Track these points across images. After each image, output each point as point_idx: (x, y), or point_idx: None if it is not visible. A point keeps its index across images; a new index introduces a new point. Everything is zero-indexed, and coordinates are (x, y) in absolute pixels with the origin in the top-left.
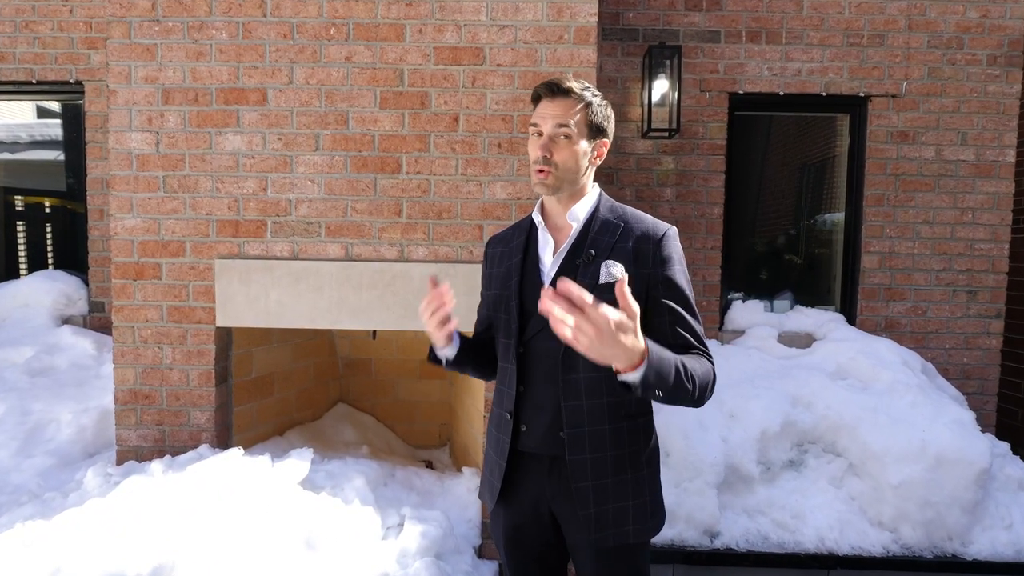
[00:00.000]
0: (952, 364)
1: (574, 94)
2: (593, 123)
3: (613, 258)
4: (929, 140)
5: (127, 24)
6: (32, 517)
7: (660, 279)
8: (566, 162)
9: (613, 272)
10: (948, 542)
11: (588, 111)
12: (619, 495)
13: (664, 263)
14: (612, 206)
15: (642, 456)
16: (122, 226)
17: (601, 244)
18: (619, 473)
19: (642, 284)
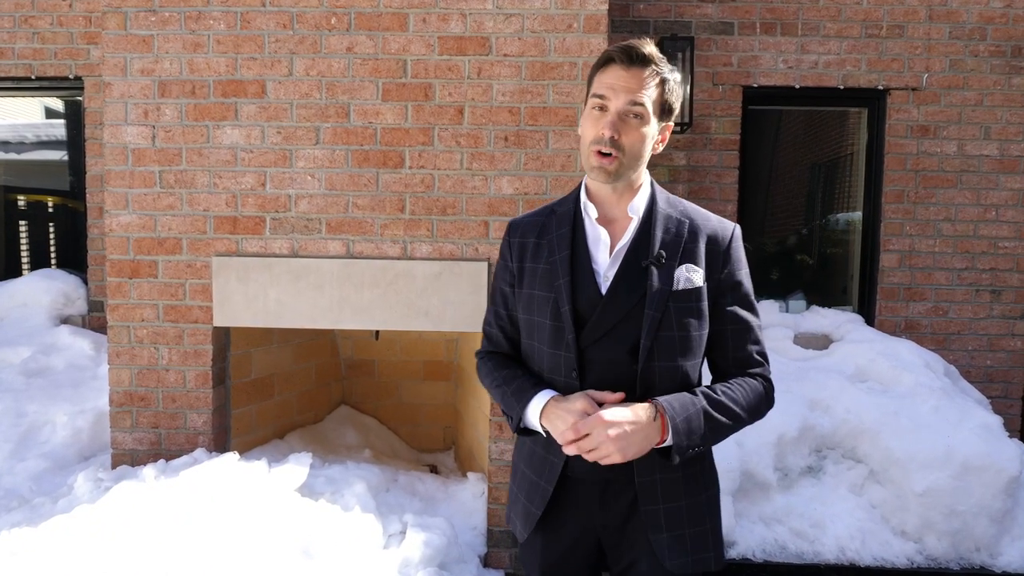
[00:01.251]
0: (975, 367)
1: (653, 65)
2: (667, 103)
3: (684, 260)
4: (951, 134)
5: (123, 15)
6: (20, 524)
7: (729, 285)
8: (634, 146)
9: (693, 279)
10: (976, 553)
11: (664, 88)
12: (695, 519)
13: (734, 267)
14: (668, 198)
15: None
16: (117, 223)
17: (670, 244)
18: (692, 495)
19: (711, 291)
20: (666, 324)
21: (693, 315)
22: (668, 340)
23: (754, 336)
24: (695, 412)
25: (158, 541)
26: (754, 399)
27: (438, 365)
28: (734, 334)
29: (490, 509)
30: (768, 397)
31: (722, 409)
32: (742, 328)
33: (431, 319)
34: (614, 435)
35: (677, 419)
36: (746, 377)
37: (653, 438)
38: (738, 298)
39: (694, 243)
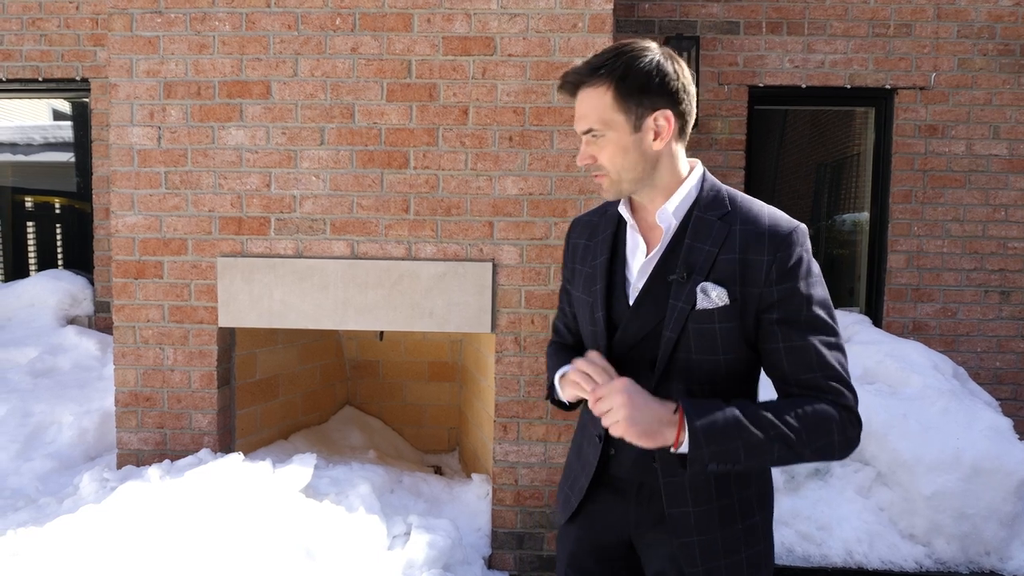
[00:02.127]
0: (984, 368)
1: (588, 81)
2: (630, 100)
3: (715, 274)
4: (959, 134)
5: (129, 16)
6: (26, 524)
7: (779, 299)
8: (612, 160)
9: (712, 298)
10: (985, 557)
11: (617, 87)
12: (731, 549)
13: (783, 278)
14: (716, 198)
15: (754, 502)
16: (123, 223)
17: (699, 256)
18: (728, 524)
19: (752, 307)
20: (683, 346)
21: (718, 338)
22: (685, 363)
23: (821, 358)
24: (720, 418)
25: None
26: (816, 424)
27: (443, 366)
28: (790, 354)
29: (494, 511)
30: (843, 429)
31: (758, 422)
32: (799, 347)
33: (435, 320)
34: (628, 395)
35: (696, 420)
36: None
37: (665, 429)
38: (793, 312)
39: (729, 252)
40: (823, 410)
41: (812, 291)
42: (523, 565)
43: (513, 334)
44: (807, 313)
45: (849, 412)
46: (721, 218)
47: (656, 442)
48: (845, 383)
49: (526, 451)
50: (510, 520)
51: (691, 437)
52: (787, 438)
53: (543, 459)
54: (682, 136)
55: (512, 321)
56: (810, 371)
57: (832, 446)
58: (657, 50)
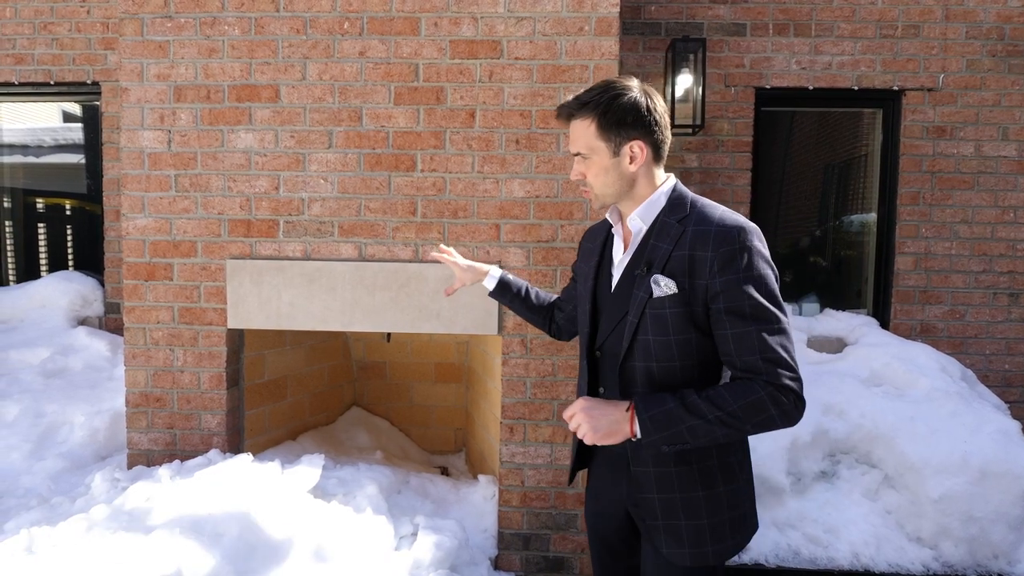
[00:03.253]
0: (992, 371)
1: (577, 113)
2: (609, 131)
3: (670, 268)
4: (968, 135)
5: (139, 21)
6: (39, 522)
7: (719, 290)
8: (596, 179)
9: (662, 287)
10: (993, 560)
11: (599, 120)
12: (692, 513)
13: (725, 269)
14: (679, 204)
15: (716, 473)
16: (134, 226)
17: (658, 253)
18: (688, 490)
19: (700, 297)
20: (642, 329)
21: (669, 320)
22: (644, 343)
23: (762, 342)
24: (664, 410)
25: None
26: (746, 403)
27: (449, 367)
28: (735, 339)
29: (501, 512)
30: (776, 403)
31: (696, 410)
32: (741, 333)
33: (442, 322)
34: (585, 412)
35: (644, 414)
36: (745, 382)
37: (622, 425)
38: (736, 301)
39: (681, 249)
40: (751, 390)
41: (753, 283)
42: (529, 566)
43: (519, 336)
44: (749, 302)
45: (783, 388)
46: (679, 220)
47: (619, 437)
48: (783, 363)
49: (532, 453)
50: (516, 521)
51: (641, 427)
52: (724, 420)
53: (549, 461)
54: (657, 158)
55: (519, 323)
56: (752, 353)
57: (771, 419)
58: (637, 88)
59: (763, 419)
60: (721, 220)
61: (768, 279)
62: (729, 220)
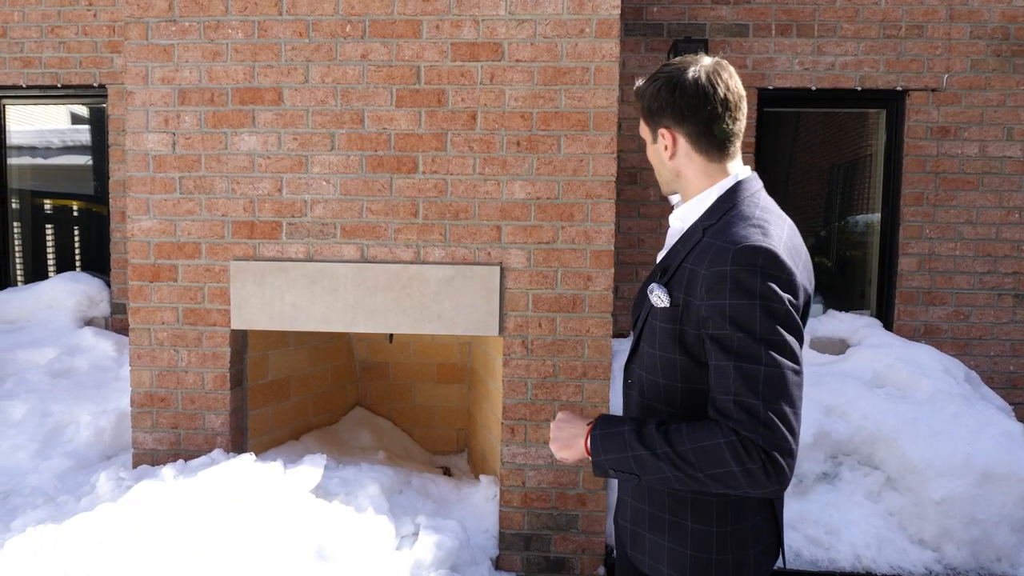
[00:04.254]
0: (997, 372)
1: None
2: (648, 117)
3: (676, 280)
4: (972, 136)
5: (144, 25)
6: (44, 521)
7: (705, 315)
8: (654, 166)
9: (655, 298)
10: (996, 563)
11: (642, 106)
12: (655, 528)
13: (711, 293)
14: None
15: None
16: (139, 227)
17: (675, 260)
18: (654, 507)
19: (692, 318)
20: (643, 337)
21: (660, 335)
22: (641, 352)
23: (736, 383)
24: (615, 431)
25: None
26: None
27: (451, 368)
28: (714, 373)
29: (502, 512)
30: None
31: (647, 441)
32: (720, 367)
33: (443, 323)
34: (555, 423)
35: (597, 430)
36: (709, 422)
37: (578, 440)
38: (717, 331)
39: (689, 261)
40: (714, 434)
41: (740, 312)
42: (530, 567)
43: (521, 337)
44: (734, 333)
45: (748, 444)
46: (704, 229)
47: (575, 452)
48: (758, 415)
49: (533, 453)
50: (517, 522)
51: (591, 444)
52: (672, 459)
53: (550, 462)
54: (705, 150)
55: (520, 324)
56: (726, 393)
57: (733, 476)
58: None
59: (721, 473)
60: (733, 236)
61: (770, 312)
62: (738, 237)
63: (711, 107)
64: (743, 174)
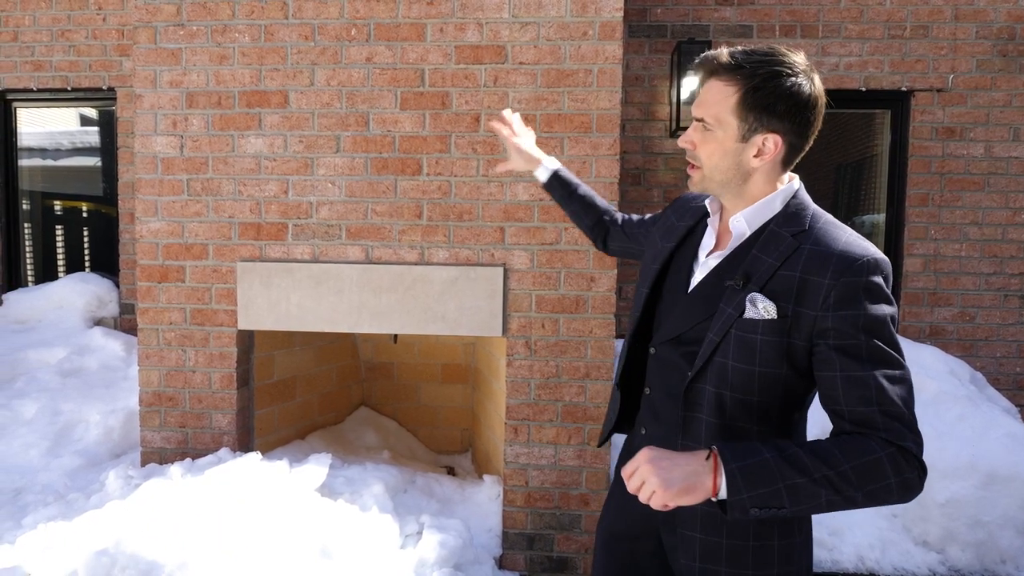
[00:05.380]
0: (1003, 374)
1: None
2: (750, 111)
3: (771, 287)
4: (978, 136)
5: (153, 29)
6: (55, 518)
7: (831, 325)
8: (710, 158)
9: (759, 309)
10: (1001, 565)
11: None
12: (735, 561)
13: (841, 304)
14: (797, 215)
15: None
16: (147, 229)
17: (760, 267)
18: (735, 537)
19: (804, 329)
20: (722, 350)
21: (758, 348)
22: (720, 367)
23: (880, 393)
24: (759, 462)
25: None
26: (862, 463)
27: (456, 368)
28: (848, 385)
29: (505, 512)
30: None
31: (799, 464)
32: (857, 378)
33: (448, 323)
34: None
35: (732, 463)
36: (858, 437)
37: (703, 478)
38: (851, 341)
39: (791, 269)
40: (872, 449)
41: (875, 321)
42: (533, 566)
43: (524, 338)
44: (867, 342)
45: (905, 453)
46: (794, 235)
47: (698, 495)
48: (906, 422)
49: (536, 453)
50: (521, 521)
51: (728, 480)
52: (833, 481)
53: (553, 461)
54: (788, 161)
55: (523, 325)
56: (868, 404)
57: (888, 489)
58: (803, 72)
59: (878, 488)
60: (848, 244)
61: (892, 323)
62: (857, 247)
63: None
64: (795, 178)
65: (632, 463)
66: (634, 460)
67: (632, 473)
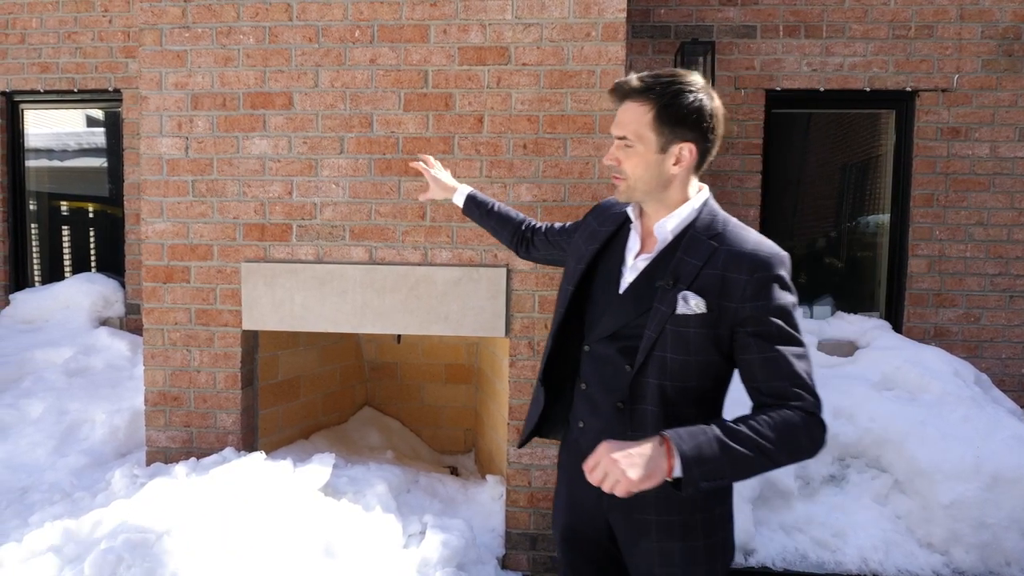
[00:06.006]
0: (1008, 375)
1: (636, 95)
2: (664, 126)
3: (697, 285)
4: (983, 136)
5: (158, 31)
6: (61, 516)
7: (749, 315)
8: (635, 171)
9: (691, 305)
10: (1006, 567)
11: (657, 111)
12: (688, 534)
13: (757, 296)
14: (712, 221)
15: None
16: (153, 230)
17: (686, 268)
18: (686, 512)
19: (727, 320)
20: (660, 345)
21: (691, 341)
22: (660, 360)
23: (789, 368)
24: (705, 440)
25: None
26: (786, 431)
27: (459, 368)
28: (764, 365)
29: (508, 512)
30: (810, 433)
31: (739, 438)
32: (771, 358)
33: (451, 324)
34: (619, 457)
35: (684, 446)
36: (780, 409)
37: (660, 463)
38: (766, 327)
39: (713, 269)
40: (790, 417)
41: (784, 309)
42: (536, 566)
43: (527, 338)
44: (778, 328)
45: (813, 416)
46: (711, 238)
47: (656, 478)
48: (810, 390)
49: (539, 454)
50: (523, 521)
51: (682, 461)
52: (764, 448)
53: (556, 462)
54: (699, 167)
55: (526, 325)
56: (781, 379)
57: (801, 449)
58: (702, 88)
59: (795, 449)
60: (757, 244)
61: (795, 309)
62: (765, 246)
63: (720, 132)
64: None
65: (593, 458)
66: (594, 455)
67: (594, 467)
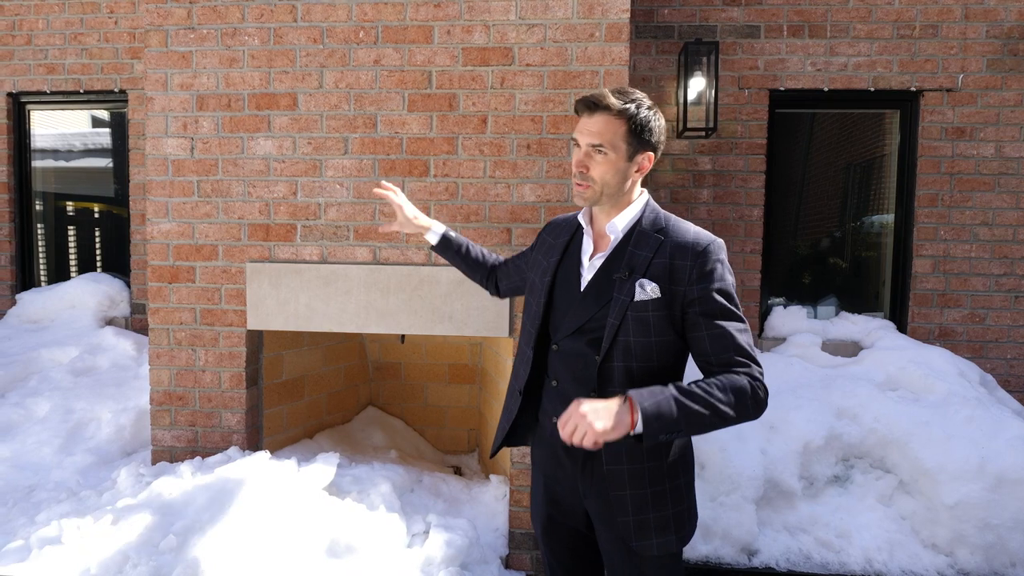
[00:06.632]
0: (1014, 376)
1: (613, 110)
2: (635, 138)
3: (650, 273)
4: (988, 136)
5: (164, 32)
6: (68, 515)
7: (696, 296)
8: (603, 176)
9: (647, 291)
10: (1011, 568)
11: (630, 125)
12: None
13: (701, 279)
14: (656, 218)
15: (679, 466)
16: (158, 230)
17: (638, 260)
18: (656, 484)
19: (678, 302)
20: (624, 330)
21: (651, 323)
22: (624, 345)
23: (734, 341)
24: (664, 398)
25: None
26: (733, 392)
27: (463, 368)
28: (712, 339)
29: (512, 512)
30: (754, 394)
31: (693, 397)
32: (718, 333)
33: (454, 324)
34: (586, 411)
35: (645, 403)
36: (728, 373)
37: (623, 418)
38: (711, 306)
39: (662, 257)
40: (738, 380)
41: (725, 290)
42: (539, 566)
43: None
44: (720, 306)
45: (757, 381)
46: (657, 232)
47: (620, 430)
48: (753, 359)
49: None
50: (527, 521)
51: (643, 416)
52: (715, 406)
53: None
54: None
55: None
56: (727, 351)
57: (747, 409)
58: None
59: (743, 408)
60: (698, 234)
61: (733, 288)
62: (703, 236)
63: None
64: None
65: (566, 414)
66: (567, 412)
67: (567, 421)
